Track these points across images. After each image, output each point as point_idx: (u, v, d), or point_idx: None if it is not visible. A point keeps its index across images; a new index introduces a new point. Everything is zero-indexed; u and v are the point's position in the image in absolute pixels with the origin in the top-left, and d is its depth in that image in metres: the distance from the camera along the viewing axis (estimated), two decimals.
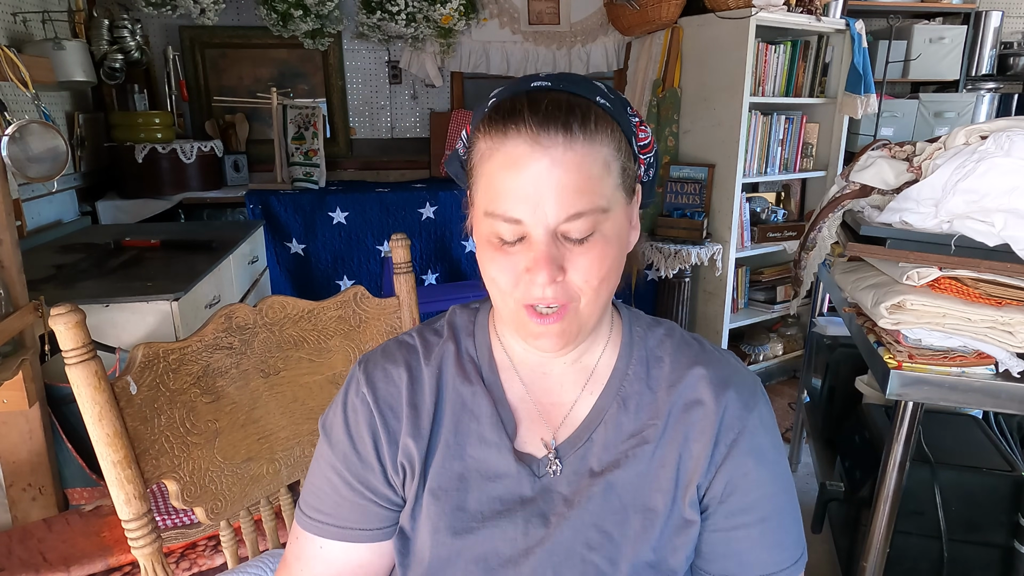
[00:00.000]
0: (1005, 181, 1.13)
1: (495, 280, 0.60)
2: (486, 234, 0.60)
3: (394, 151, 3.35)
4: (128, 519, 0.76)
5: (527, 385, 0.69)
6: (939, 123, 3.20)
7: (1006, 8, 3.45)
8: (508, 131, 0.57)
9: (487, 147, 0.59)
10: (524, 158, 0.56)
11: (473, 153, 0.61)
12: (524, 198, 0.56)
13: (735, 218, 2.69)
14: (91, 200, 2.67)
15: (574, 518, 0.64)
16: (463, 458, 0.66)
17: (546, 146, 0.56)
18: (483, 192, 0.60)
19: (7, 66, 1.33)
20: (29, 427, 1.47)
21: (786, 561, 0.65)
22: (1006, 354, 1.17)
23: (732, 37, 2.52)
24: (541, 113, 0.56)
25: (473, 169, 0.61)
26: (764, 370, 3.01)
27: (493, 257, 0.59)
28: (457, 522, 0.65)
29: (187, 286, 1.69)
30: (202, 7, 2.75)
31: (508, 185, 0.57)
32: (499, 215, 0.58)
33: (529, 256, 0.58)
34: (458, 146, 0.67)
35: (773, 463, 0.66)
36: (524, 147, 0.56)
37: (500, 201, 0.57)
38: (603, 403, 0.67)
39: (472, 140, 0.62)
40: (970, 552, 1.45)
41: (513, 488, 0.65)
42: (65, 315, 0.71)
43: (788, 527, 0.66)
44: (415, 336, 0.72)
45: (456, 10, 2.95)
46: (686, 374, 0.67)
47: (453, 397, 0.68)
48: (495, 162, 0.58)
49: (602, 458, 0.66)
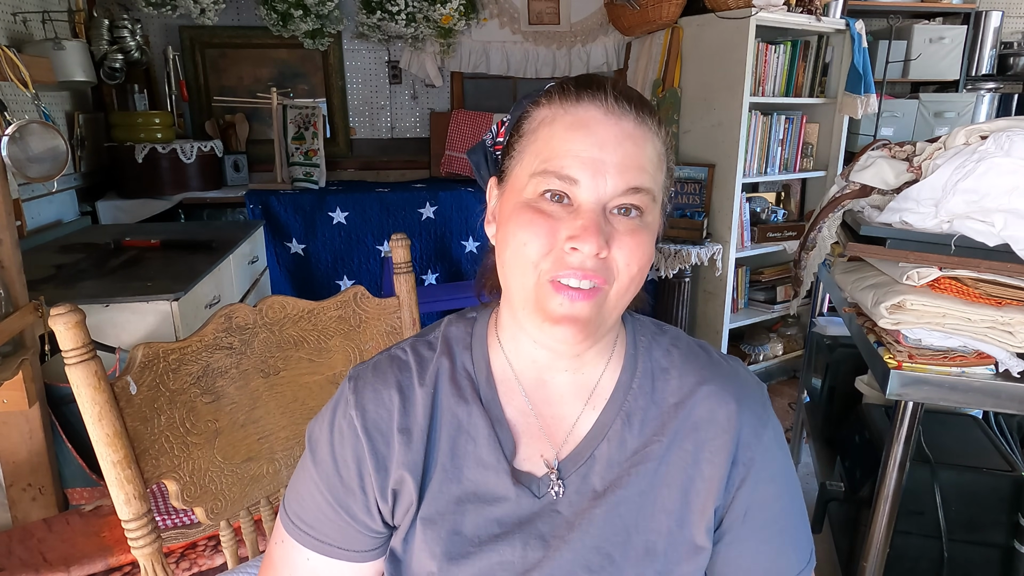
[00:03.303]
0: (1005, 181, 1.13)
1: (524, 247, 0.57)
2: (526, 197, 0.58)
3: (394, 151, 3.35)
4: (128, 519, 0.76)
5: (529, 396, 0.66)
6: (939, 123, 3.20)
7: (1006, 8, 3.45)
8: (582, 96, 0.57)
9: (551, 112, 0.58)
10: (595, 122, 0.56)
11: (525, 122, 0.60)
12: (587, 162, 0.55)
13: (735, 218, 2.69)
14: (91, 200, 2.67)
15: (575, 540, 0.61)
16: (461, 481, 0.63)
17: (619, 116, 0.56)
18: (535, 154, 0.58)
19: (7, 66, 1.33)
20: (29, 427, 1.47)
21: (801, 562, 0.66)
22: (1006, 354, 1.17)
23: (732, 37, 2.52)
24: (618, 88, 0.57)
25: (522, 137, 0.60)
26: (764, 370, 3.01)
27: (531, 220, 0.56)
28: (453, 547, 0.62)
29: (187, 286, 1.69)
30: (202, 7, 2.75)
31: (572, 146, 0.56)
32: (553, 172, 0.56)
33: (575, 224, 0.55)
34: (486, 137, 0.67)
35: (788, 476, 0.66)
36: (597, 112, 0.56)
37: (558, 159, 0.56)
38: (606, 419, 0.65)
39: (523, 113, 0.61)
40: (970, 552, 1.45)
41: (512, 511, 0.63)
42: (65, 315, 0.71)
43: (800, 532, 0.67)
44: (408, 351, 0.68)
45: (456, 10, 2.95)
46: (696, 391, 0.65)
47: (448, 418, 0.65)
48: (562, 123, 0.57)
49: (605, 477, 0.63)
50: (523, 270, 0.58)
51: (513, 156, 0.61)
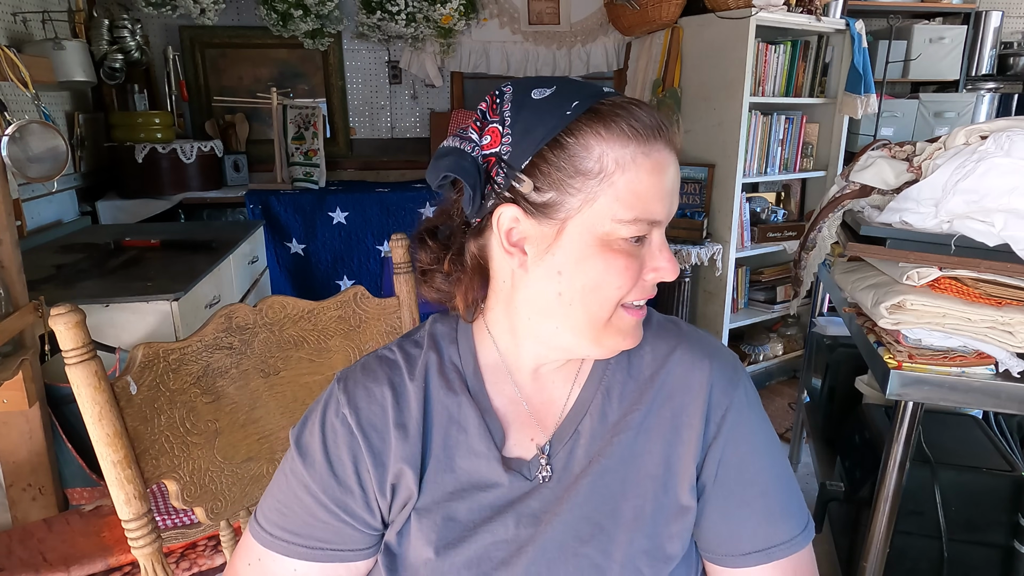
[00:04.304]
0: (1005, 181, 1.13)
1: (617, 289, 0.61)
2: (609, 242, 0.59)
3: (394, 151, 3.35)
4: (128, 519, 0.76)
5: (520, 387, 0.69)
6: (939, 123, 3.20)
7: (1006, 8, 3.45)
8: (652, 138, 0.59)
9: (627, 155, 0.58)
10: (668, 163, 0.60)
11: (586, 159, 0.58)
12: (664, 199, 0.60)
13: (735, 218, 2.69)
14: (91, 200, 2.67)
15: (564, 512, 0.63)
16: (454, 471, 0.65)
17: (674, 148, 0.61)
18: (616, 199, 0.58)
19: (7, 66, 1.33)
20: (29, 427, 1.47)
21: (794, 529, 0.65)
22: (1006, 354, 1.17)
23: (732, 37, 2.52)
24: (665, 121, 0.60)
25: (587, 177, 0.58)
26: (764, 370, 3.01)
27: (626, 266, 0.60)
28: (448, 533, 0.63)
29: (187, 286, 1.69)
30: (202, 7, 2.75)
31: (656, 189, 0.59)
32: (645, 219, 0.59)
33: (655, 254, 0.61)
34: (464, 146, 0.62)
35: (764, 436, 0.67)
36: (665, 150, 0.60)
37: (644, 204, 0.59)
38: (587, 395, 0.68)
39: (573, 143, 0.58)
40: (970, 552, 1.45)
41: (504, 495, 0.65)
42: (65, 315, 0.71)
43: (789, 497, 0.66)
44: (396, 351, 0.70)
45: (456, 10, 2.95)
46: (667, 360, 0.68)
47: (439, 410, 0.67)
48: (643, 168, 0.59)
49: (589, 450, 0.66)
50: (603, 307, 0.61)
51: (572, 193, 0.58)
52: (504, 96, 0.62)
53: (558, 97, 0.59)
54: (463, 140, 0.62)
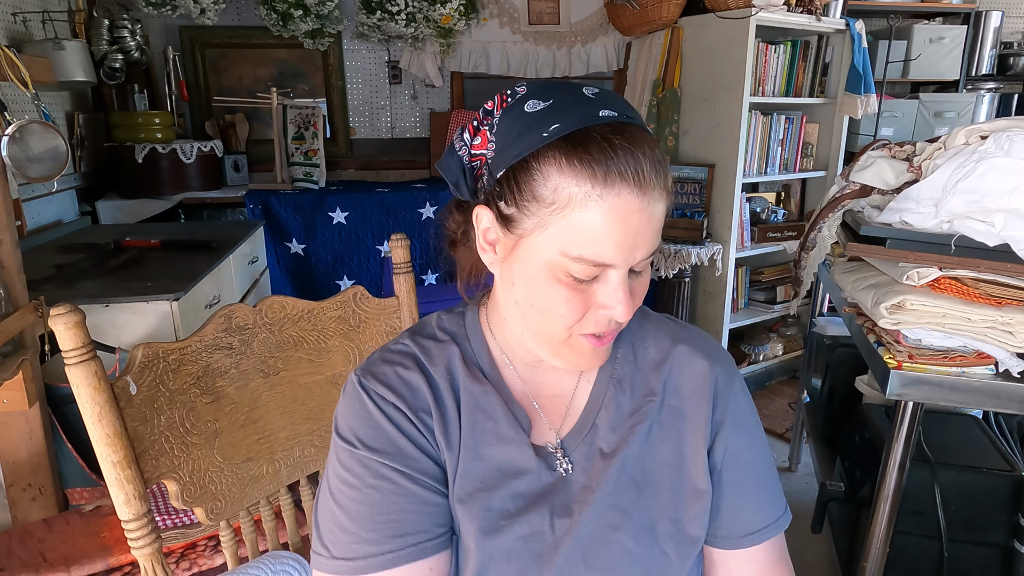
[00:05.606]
0: (1005, 181, 1.13)
1: (556, 314, 0.60)
2: (555, 271, 0.58)
3: (394, 151, 3.35)
4: (128, 519, 0.76)
5: (525, 382, 0.70)
6: (939, 123, 3.20)
7: (1006, 8, 3.45)
8: (615, 182, 0.55)
9: (581, 192, 0.55)
10: (632, 212, 0.56)
11: (540, 185, 0.57)
12: (621, 245, 0.57)
13: (735, 218, 2.69)
14: (91, 200, 2.67)
15: (594, 502, 0.65)
16: (482, 459, 0.66)
17: (650, 199, 0.57)
18: (566, 233, 0.57)
19: (7, 66, 1.33)
20: (29, 427, 1.47)
21: (778, 510, 0.71)
22: (1006, 354, 1.17)
23: (732, 37, 2.52)
24: (647, 164, 0.56)
25: (540, 204, 0.57)
26: (764, 370, 3.01)
27: (567, 297, 0.59)
28: (486, 522, 0.64)
29: (187, 286, 1.69)
30: (202, 7, 2.75)
31: (610, 234, 0.56)
32: (588, 259, 0.57)
33: (608, 293, 0.59)
34: (457, 145, 0.63)
35: (757, 429, 0.72)
36: (632, 198, 0.56)
37: (593, 246, 0.56)
38: (599, 388, 0.70)
39: (530, 169, 0.57)
40: (970, 552, 1.45)
41: (534, 482, 0.66)
42: (65, 315, 0.71)
43: (775, 482, 0.73)
44: (409, 343, 0.70)
45: (456, 10, 2.95)
46: (672, 351, 0.71)
47: (467, 398, 0.68)
48: (597, 211, 0.55)
49: (609, 439, 0.68)
50: (552, 327, 0.62)
51: (527, 215, 0.58)
52: (511, 97, 0.61)
53: (545, 115, 0.58)
54: (459, 138, 0.64)
